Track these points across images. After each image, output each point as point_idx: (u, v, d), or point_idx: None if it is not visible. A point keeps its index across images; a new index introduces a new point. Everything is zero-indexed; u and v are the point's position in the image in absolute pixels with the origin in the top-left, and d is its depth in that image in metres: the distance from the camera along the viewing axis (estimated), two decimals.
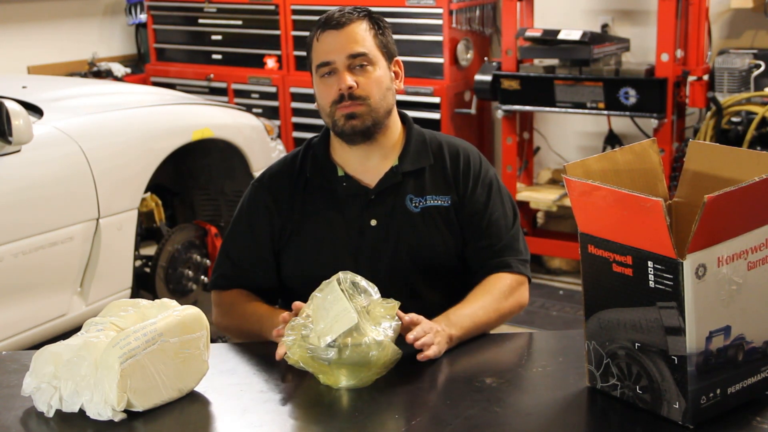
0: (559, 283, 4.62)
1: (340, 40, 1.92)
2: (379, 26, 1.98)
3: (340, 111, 1.93)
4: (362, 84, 1.92)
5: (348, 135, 1.95)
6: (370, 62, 1.94)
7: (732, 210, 1.38)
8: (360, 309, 1.64)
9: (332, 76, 1.94)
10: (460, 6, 4.81)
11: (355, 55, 1.92)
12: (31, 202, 3.15)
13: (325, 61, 1.93)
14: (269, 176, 2.08)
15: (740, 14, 4.51)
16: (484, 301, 1.91)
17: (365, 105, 1.93)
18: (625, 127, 4.71)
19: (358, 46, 1.93)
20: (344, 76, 1.92)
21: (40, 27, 5.60)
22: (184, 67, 5.78)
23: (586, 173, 1.55)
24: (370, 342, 1.61)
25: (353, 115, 1.93)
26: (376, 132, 1.97)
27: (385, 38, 1.99)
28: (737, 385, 1.47)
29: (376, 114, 1.95)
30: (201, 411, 1.60)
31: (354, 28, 1.93)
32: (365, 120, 1.94)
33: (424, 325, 1.75)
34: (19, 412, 1.59)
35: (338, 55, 1.92)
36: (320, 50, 1.95)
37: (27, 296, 3.15)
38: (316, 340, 1.62)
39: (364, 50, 1.93)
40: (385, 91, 1.96)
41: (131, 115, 3.70)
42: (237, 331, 2.03)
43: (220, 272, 2.08)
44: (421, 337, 1.72)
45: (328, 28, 1.94)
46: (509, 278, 1.98)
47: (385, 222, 1.99)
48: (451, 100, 4.87)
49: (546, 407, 1.59)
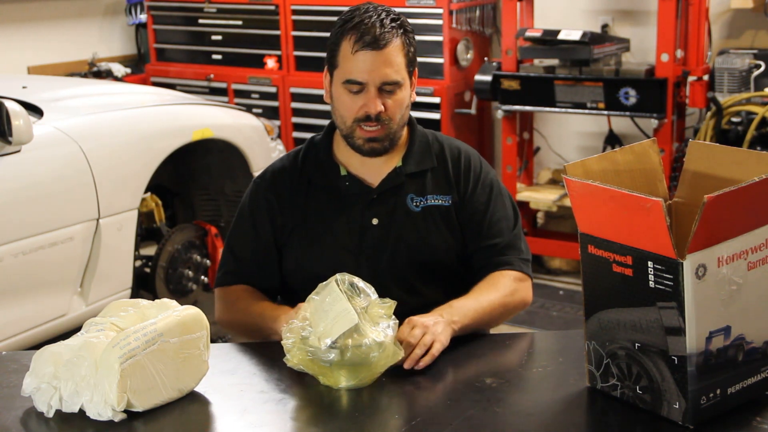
0: (559, 283, 4.62)
1: (376, 63, 1.89)
2: (410, 40, 1.96)
3: (362, 132, 1.94)
4: (389, 107, 1.93)
5: (365, 153, 1.97)
6: (399, 86, 1.93)
7: (732, 210, 1.38)
8: (359, 310, 1.64)
9: (360, 94, 1.92)
10: (460, 6, 4.81)
11: (390, 83, 1.91)
12: (31, 202, 3.14)
13: (359, 81, 1.90)
14: (271, 174, 2.08)
15: (740, 14, 4.51)
16: (489, 295, 1.92)
17: (387, 127, 1.94)
18: (625, 127, 4.71)
19: (393, 73, 1.90)
20: (376, 100, 1.91)
21: (40, 27, 5.60)
22: (184, 67, 5.78)
23: (586, 173, 1.55)
24: (371, 343, 1.61)
25: (375, 139, 1.94)
26: (391, 148, 1.99)
27: (413, 52, 1.98)
28: (737, 385, 1.47)
29: (394, 134, 1.97)
30: (201, 411, 1.60)
31: (391, 50, 1.90)
32: (384, 142, 1.96)
33: (416, 332, 1.73)
34: (19, 412, 1.59)
35: (373, 79, 1.90)
36: (354, 67, 1.90)
37: (27, 296, 3.15)
38: (317, 341, 1.62)
39: (398, 79, 1.92)
40: (405, 108, 1.97)
41: (131, 115, 3.70)
42: (238, 327, 2.04)
43: (224, 269, 2.09)
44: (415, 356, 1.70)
45: (366, 46, 1.89)
46: (513, 275, 1.99)
47: (387, 221, 1.99)
48: (451, 100, 4.87)
49: (546, 407, 1.60)
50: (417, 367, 1.70)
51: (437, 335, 1.74)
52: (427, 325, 1.75)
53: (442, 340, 1.74)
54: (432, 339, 1.73)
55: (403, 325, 1.74)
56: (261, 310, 1.95)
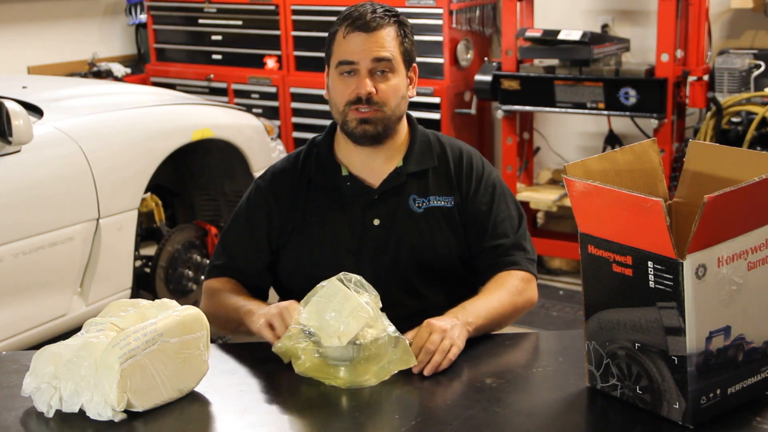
0: (559, 283, 4.62)
1: (367, 43, 1.92)
2: (406, 32, 1.98)
3: (354, 113, 1.94)
4: (381, 90, 1.93)
5: (357, 137, 1.96)
6: (392, 69, 1.94)
7: (732, 210, 1.38)
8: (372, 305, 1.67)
9: (352, 76, 1.93)
10: (460, 6, 4.81)
11: (380, 59, 1.92)
12: (31, 203, 3.14)
13: (349, 60, 1.92)
14: (272, 174, 2.08)
15: (740, 14, 4.51)
16: (499, 295, 1.91)
17: (380, 111, 1.94)
18: (625, 127, 4.71)
19: (384, 51, 1.92)
20: (365, 80, 1.92)
21: (40, 27, 5.60)
22: (184, 67, 5.78)
23: (587, 173, 1.55)
24: (388, 335, 1.64)
25: (367, 120, 1.94)
26: (385, 137, 1.98)
27: (410, 44, 1.99)
28: (737, 386, 1.47)
29: (388, 121, 1.96)
30: (201, 411, 1.60)
31: (383, 33, 1.93)
32: (377, 126, 1.95)
33: (434, 337, 1.73)
34: (19, 412, 1.59)
35: (363, 58, 1.92)
36: (345, 48, 1.93)
37: (27, 296, 3.15)
38: (332, 340, 1.63)
39: (389, 56, 1.93)
40: (400, 99, 1.97)
41: (131, 115, 3.70)
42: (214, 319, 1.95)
43: (213, 263, 2.09)
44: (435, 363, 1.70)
45: (357, 29, 1.92)
46: (519, 275, 1.98)
47: (388, 222, 1.99)
48: (451, 101, 4.87)
49: (546, 407, 1.60)
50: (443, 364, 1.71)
51: (455, 339, 1.74)
52: (445, 329, 1.74)
53: (459, 345, 1.75)
54: (450, 343, 1.73)
55: (421, 330, 1.75)
56: (236, 303, 1.94)
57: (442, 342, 1.72)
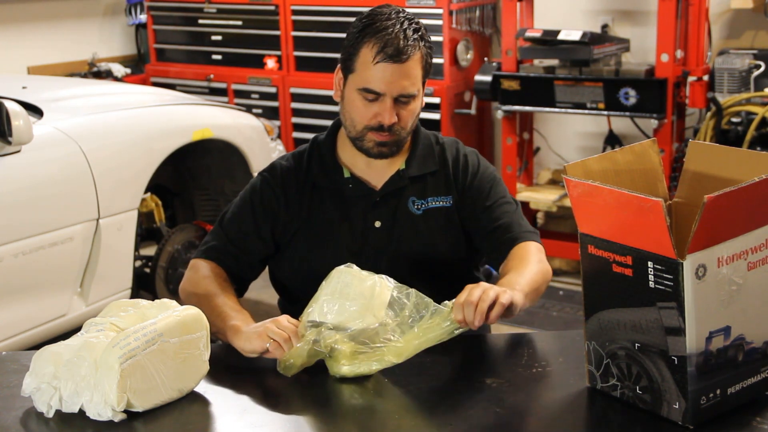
0: (559, 283, 4.61)
1: (397, 75, 1.89)
2: (429, 51, 1.97)
3: (374, 135, 1.93)
4: (402, 117, 1.93)
5: (373, 156, 1.97)
6: (414, 98, 1.94)
7: (732, 210, 1.38)
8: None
9: (375, 102, 1.91)
10: (460, 6, 4.81)
11: (406, 95, 1.92)
12: (31, 203, 3.15)
13: (377, 91, 1.90)
14: (280, 171, 2.05)
15: (740, 14, 4.51)
16: (529, 265, 1.89)
17: (398, 135, 1.95)
18: (625, 127, 4.71)
19: (411, 86, 1.91)
20: (391, 111, 1.91)
21: (40, 27, 5.60)
22: (184, 67, 5.78)
23: (586, 173, 1.55)
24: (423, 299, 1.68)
25: (385, 144, 1.94)
26: (397, 152, 1.99)
27: (430, 63, 1.98)
28: (737, 386, 1.47)
29: (403, 141, 1.98)
30: (201, 411, 1.60)
31: (412, 63, 1.90)
32: (393, 147, 1.96)
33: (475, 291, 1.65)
34: (19, 412, 1.59)
35: (390, 90, 1.90)
36: (373, 76, 1.89)
37: (27, 296, 3.15)
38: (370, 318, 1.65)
39: (415, 92, 1.93)
40: (416, 117, 1.99)
41: (131, 115, 3.70)
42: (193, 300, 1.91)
43: (208, 245, 2.04)
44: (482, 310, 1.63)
45: (388, 58, 1.88)
46: (533, 245, 1.98)
47: (389, 224, 2.00)
48: (451, 101, 4.87)
49: (546, 407, 1.60)
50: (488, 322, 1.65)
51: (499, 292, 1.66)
52: (486, 287, 1.68)
53: (509, 294, 1.68)
54: (496, 294, 1.66)
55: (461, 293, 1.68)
56: (222, 308, 1.85)
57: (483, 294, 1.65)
